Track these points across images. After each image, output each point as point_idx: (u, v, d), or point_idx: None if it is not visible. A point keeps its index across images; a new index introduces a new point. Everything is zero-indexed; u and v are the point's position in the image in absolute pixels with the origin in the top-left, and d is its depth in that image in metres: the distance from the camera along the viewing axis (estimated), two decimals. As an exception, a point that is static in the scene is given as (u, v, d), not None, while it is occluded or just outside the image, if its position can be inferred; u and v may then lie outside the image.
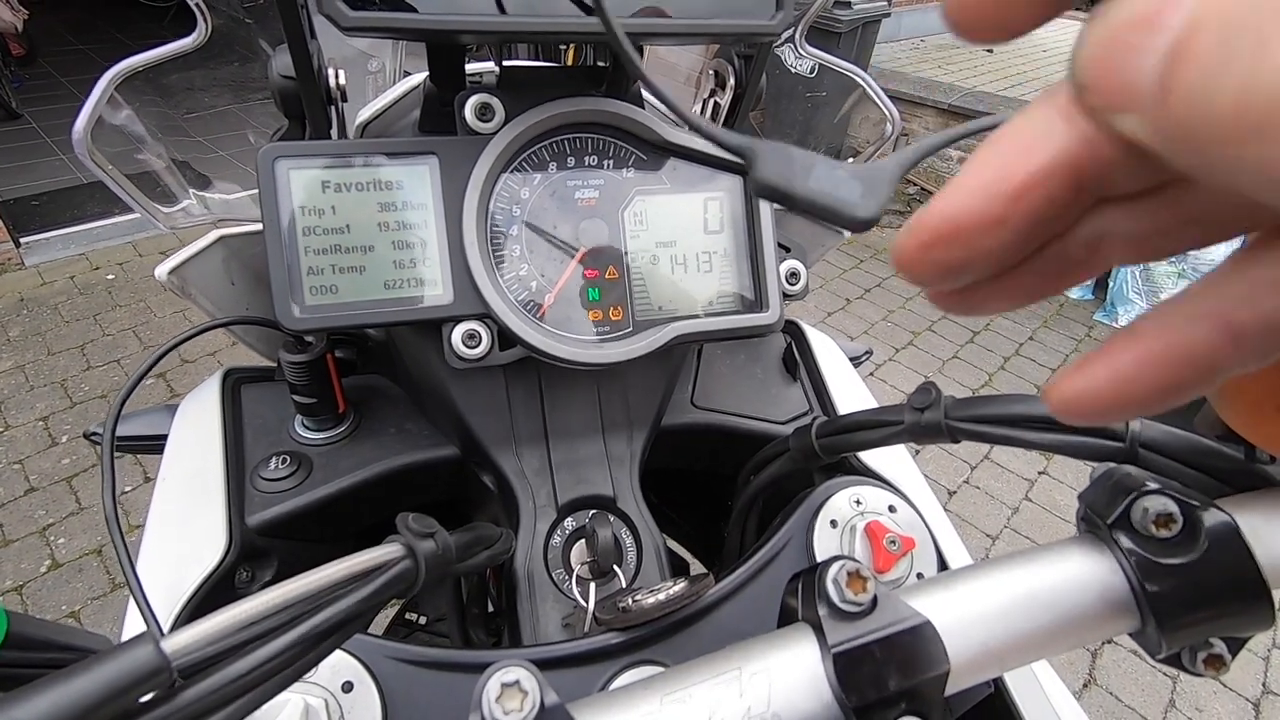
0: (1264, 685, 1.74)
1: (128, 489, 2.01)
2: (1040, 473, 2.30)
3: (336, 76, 0.52)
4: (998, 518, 2.14)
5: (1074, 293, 2.97)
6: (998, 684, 0.44)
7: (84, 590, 1.77)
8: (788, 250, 0.55)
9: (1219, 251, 2.47)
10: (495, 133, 0.46)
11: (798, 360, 0.65)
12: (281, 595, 0.25)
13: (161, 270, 0.51)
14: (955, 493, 2.22)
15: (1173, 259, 2.65)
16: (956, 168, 3.56)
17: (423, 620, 0.89)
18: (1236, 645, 0.28)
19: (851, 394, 0.63)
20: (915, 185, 3.87)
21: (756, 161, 0.19)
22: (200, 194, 0.68)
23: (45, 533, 1.90)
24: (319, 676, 0.35)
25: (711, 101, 0.61)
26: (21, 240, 3.02)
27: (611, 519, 0.50)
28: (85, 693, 0.20)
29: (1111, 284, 2.81)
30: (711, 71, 0.60)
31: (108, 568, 1.82)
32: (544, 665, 0.38)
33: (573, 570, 0.49)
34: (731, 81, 0.58)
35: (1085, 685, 1.70)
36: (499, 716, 0.23)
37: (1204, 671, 0.28)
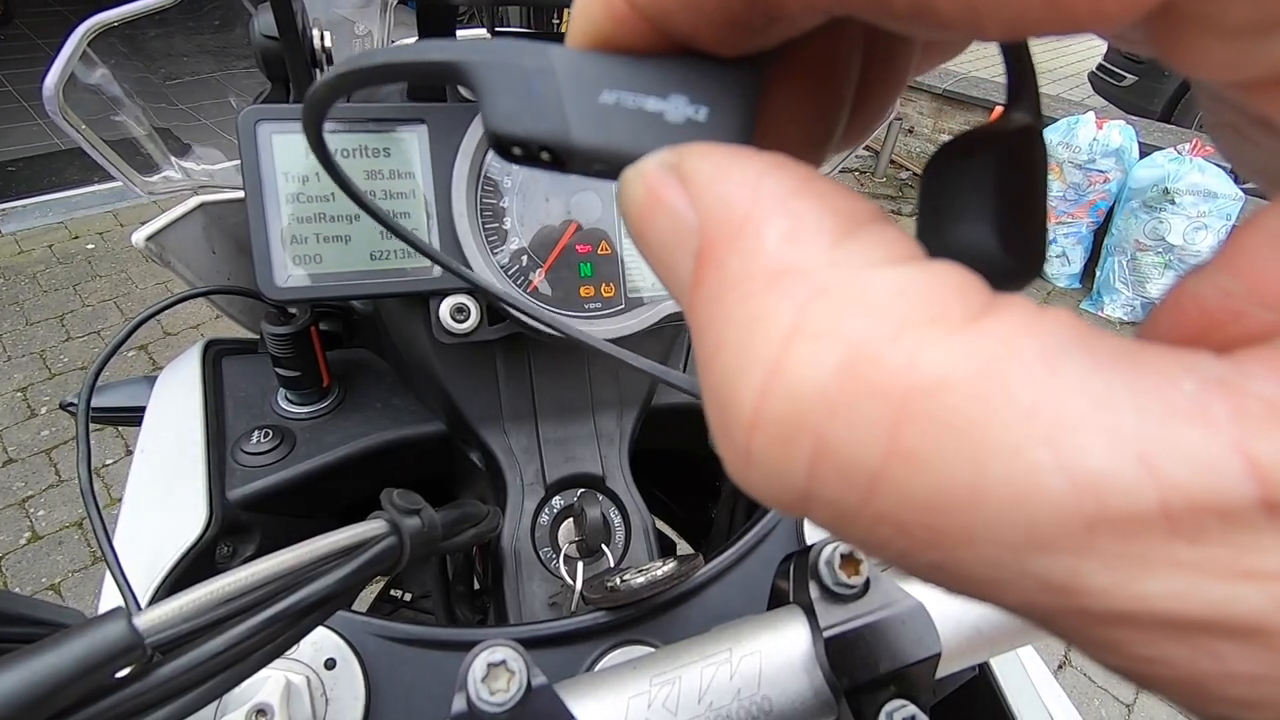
0: (1233, 668, 1.78)
1: (109, 462, 1.98)
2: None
3: (322, 38, 0.50)
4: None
5: (1060, 281, 2.98)
6: (982, 665, 0.45)
7: (64, 563, 1.75)
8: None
9: (1207, 244, 2.49)
10: (487, 100, 0.45)
11: None
12: (261, 571, 0.24)
13: (139, 236, 0.49)
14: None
15: (1159, 250, 2.63)
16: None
17: (407, 597, 0.89)
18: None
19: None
20: (908, 170, 3.85)
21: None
22: (182, 163, 0.66)
23: (24, 505, 1.87)
24: (301, 653, 0.35)
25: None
26: (-2, 207, 2.95)
27: (600, 498, 0.50)
28: (55, 668, 0.19)
29: (1099, 273, 2.82)
30: None
31: (88, 540, 1.80)
32: (530, 644, 0.38)
33: (560, 549, 0.48)
34: None
35: (1060, 666, 1.74)
36: (485, 697, 0.23)
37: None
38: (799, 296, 0.09)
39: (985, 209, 0.13)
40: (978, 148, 0.13)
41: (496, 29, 0.52)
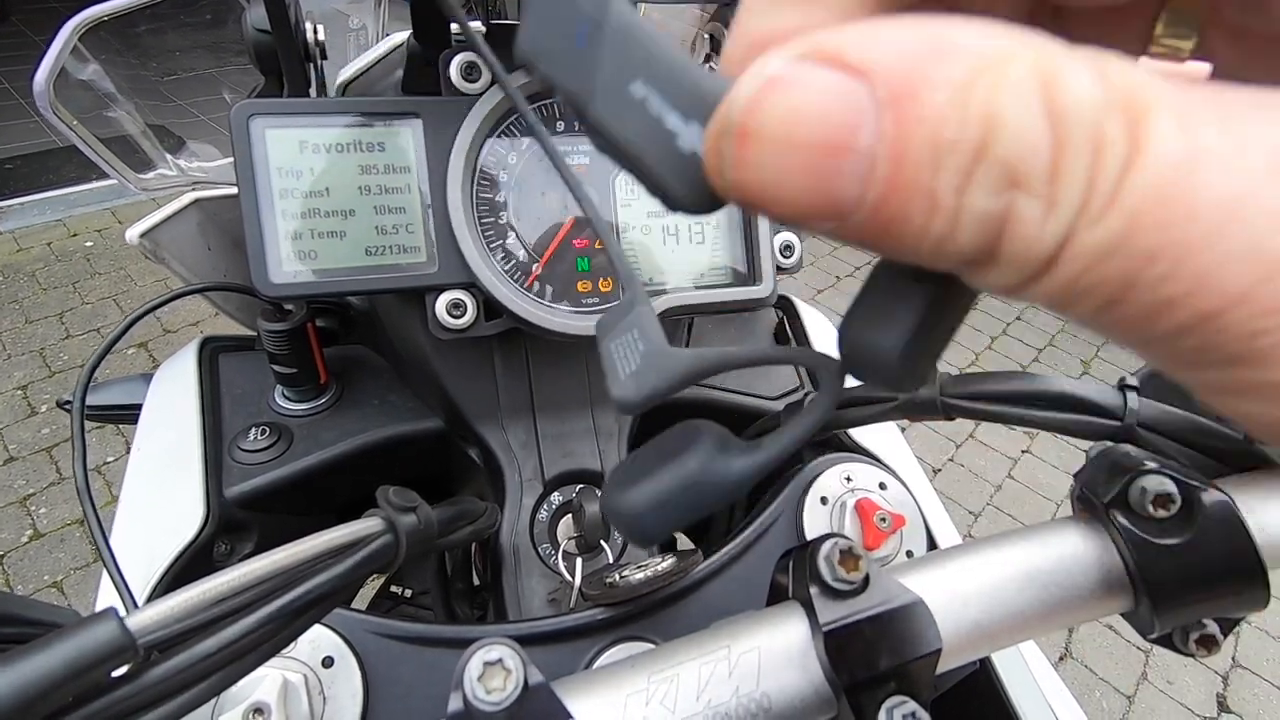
0: (1233, 659, 1.79)
1: (110, 459, 1.98)
2: (1023, 451, 2.33)
3: (315, 31, 0.50)
4: (981, 495, 2.17)
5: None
6: (983, 660, 0.45)
7: (66, 561, 1.75)
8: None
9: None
10: (481, 93, 0.45)
11: (789, 335, 0.65)
12: (256, 569, 0.24)
13: (133, 233, 0.49)
14: (940, 470, 2.24)
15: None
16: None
17: (408, 594, 0.89)
18: (1229, 625, 0.28)
19: (843, 370, 0.63)
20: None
21: (602, 321, 0.18)
22: (177, 160, 0.66)
23: (26, 503, 1.87)
24: (298, 651, 0.34)
25: (707, 67, 0.59)
26: (-5, 205, 2.94)
27: (599, 493, 0.50)
28: (45, 668, 0.19)
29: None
30: (706, 35, 0.58)
31: (90, 538, 1.80)
32: (528, 641, 0.37)
33: (559, 545, 0.48)
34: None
35: (1061, 658, 1.74)
36: (481, 696, 0.22)
37: (1196, 652, 0.28)
38: (1032, 55, 0.11)
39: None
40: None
41: (492, 21, 0.52)
